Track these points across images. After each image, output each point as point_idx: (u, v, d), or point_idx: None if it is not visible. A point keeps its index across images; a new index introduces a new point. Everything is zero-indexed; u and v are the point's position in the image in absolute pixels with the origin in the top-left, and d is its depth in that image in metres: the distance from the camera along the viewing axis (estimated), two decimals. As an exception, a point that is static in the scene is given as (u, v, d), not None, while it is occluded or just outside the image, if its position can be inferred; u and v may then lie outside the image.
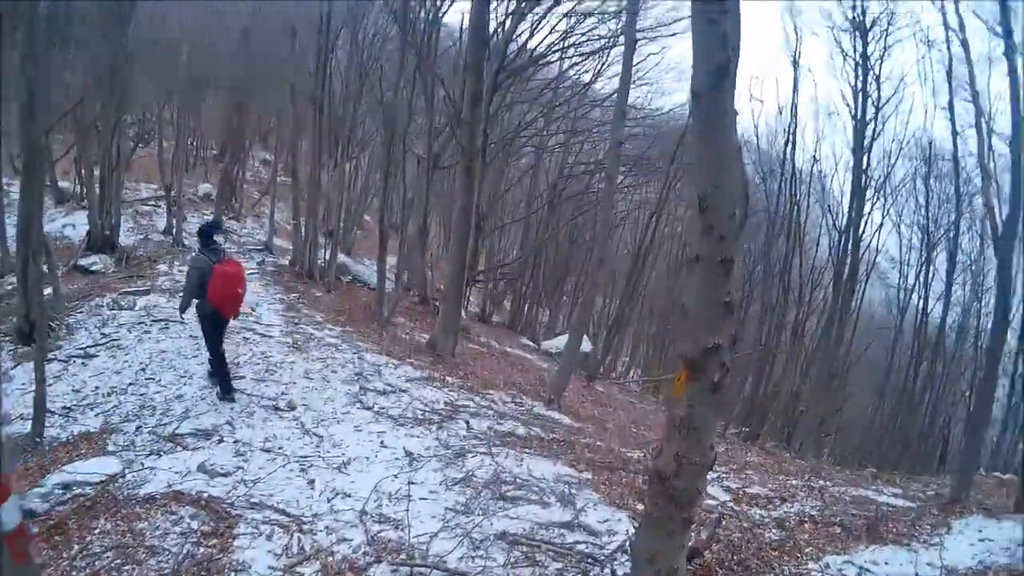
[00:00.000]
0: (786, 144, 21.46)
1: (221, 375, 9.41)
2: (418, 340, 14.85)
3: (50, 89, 12.36)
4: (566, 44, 21.76)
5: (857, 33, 19.95)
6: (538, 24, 20.67)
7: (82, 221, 17.66)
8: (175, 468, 7.37)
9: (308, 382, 10.44)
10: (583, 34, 21.70)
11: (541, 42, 21.38)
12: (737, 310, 4.64)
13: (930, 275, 21.82)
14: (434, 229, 25.89)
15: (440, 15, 17.71)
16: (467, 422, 9.78)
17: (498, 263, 26.74)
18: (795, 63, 21.13)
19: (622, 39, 17.73)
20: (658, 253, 27.75)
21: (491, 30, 16.62)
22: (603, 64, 23.24)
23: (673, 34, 20.60)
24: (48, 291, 12.88)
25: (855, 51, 20.12)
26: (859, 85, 20.04)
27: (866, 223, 20.75)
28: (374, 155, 26.76)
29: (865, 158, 19.98)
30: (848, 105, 20.47)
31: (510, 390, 12.89)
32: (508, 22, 18.95)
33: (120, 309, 12.95)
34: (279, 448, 8.09)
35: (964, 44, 14.20)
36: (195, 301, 9.10)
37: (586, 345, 19.63)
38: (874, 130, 20.03)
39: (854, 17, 20.07)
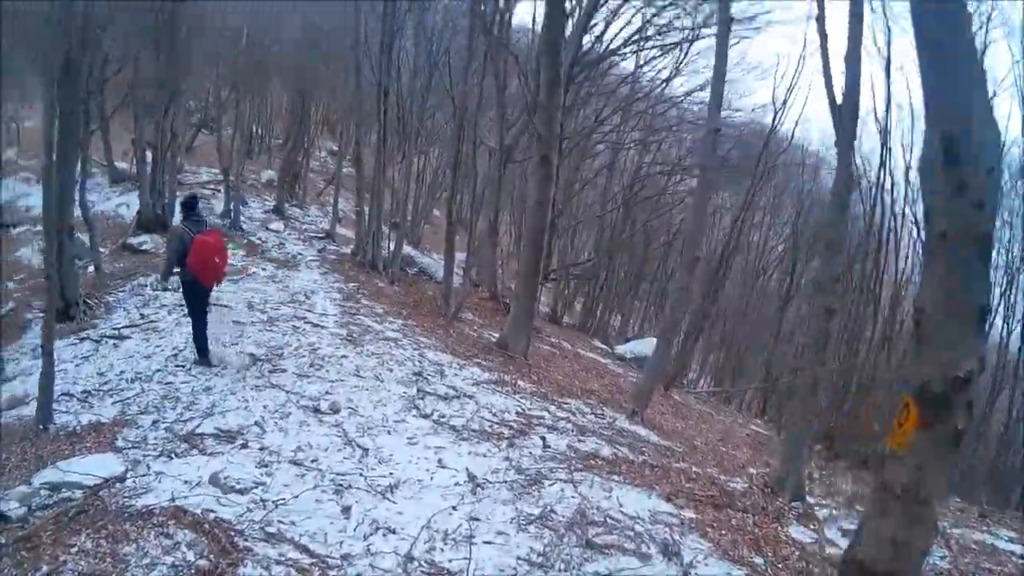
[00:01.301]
0: (882, 149, 19.31)
1: (198, 340, 9.04)
2: (487, 339, 13.37)
3: (88, 59, 12.04)
4: (644, 36, 20.03)
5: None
6: (614, 15, 19.23)
7: (137, 202, 16.95)
8: (185, 476, 6.04)
9: (358, 380, 9.02)
10: (663, 26, 19.93)
11: (617, 34, 19.89)
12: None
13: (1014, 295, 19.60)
14: (504, 226, 24.83)
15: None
16: (543, 438, 8.17)
17: (571, 263, 25.35)
18: (887, 66, 18.77)
19: (703, 31, 18.30)
20: (733, 260, 26.05)
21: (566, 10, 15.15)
22: (682, 61, 21.55)
23: (758, 28, 18.94)
24: (90, 269, 12.82)
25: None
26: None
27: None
28: (444, 149, 25.74)
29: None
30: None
31: (588, 399, 11.28)
32: (581, 10, 17.47)
33: (164, 290, 12.05)
34: (312, 461, 6.63)
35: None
36: (177, 271, 9.12)
37: (662, 351, 18.25)
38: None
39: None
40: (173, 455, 6.47)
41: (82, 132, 12.66)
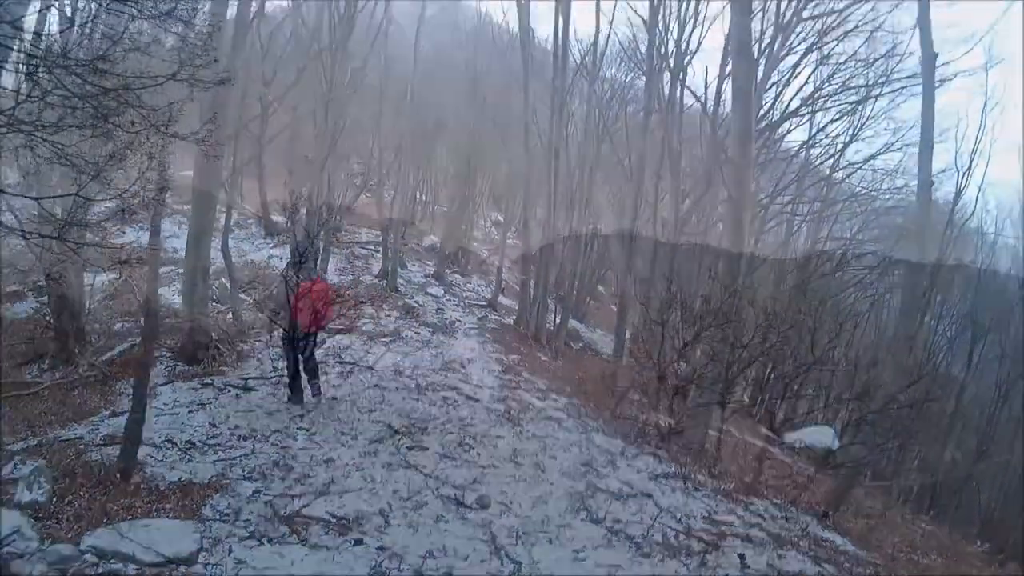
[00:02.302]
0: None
1: (291, 379, 8.85)
2: (658, 422, 11.63)
3: (231, 106, 12.02)
4: (821, 95, 18.99)
5: None
6: (790, 76, 18.45)
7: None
8: (271, 571, 4.67)
9: (515, 468, 7.48)
10: (839, 84, 18.91)
11: (794, 96, 19.09)
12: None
13: None
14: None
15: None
16: (741, 556, 6.26)
17: (742, 343, 23.42)
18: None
19: (881, 88, 17.79)
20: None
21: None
22: (859, 124, 20.21)
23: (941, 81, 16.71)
24: (229, 315, 12.73)
25: None
26: None
27: None
28: (609, 222, 24.82)
29: None
30: None
31: (774, 497, 9.34)
32: (761, 68, 16.38)
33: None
34: (445, 574, 5.02)
35: None
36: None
37: (833, 440, 16.35)
38: None
39: None
40: (265, 539, 5.18)
41: (222, 178, 12.45)
